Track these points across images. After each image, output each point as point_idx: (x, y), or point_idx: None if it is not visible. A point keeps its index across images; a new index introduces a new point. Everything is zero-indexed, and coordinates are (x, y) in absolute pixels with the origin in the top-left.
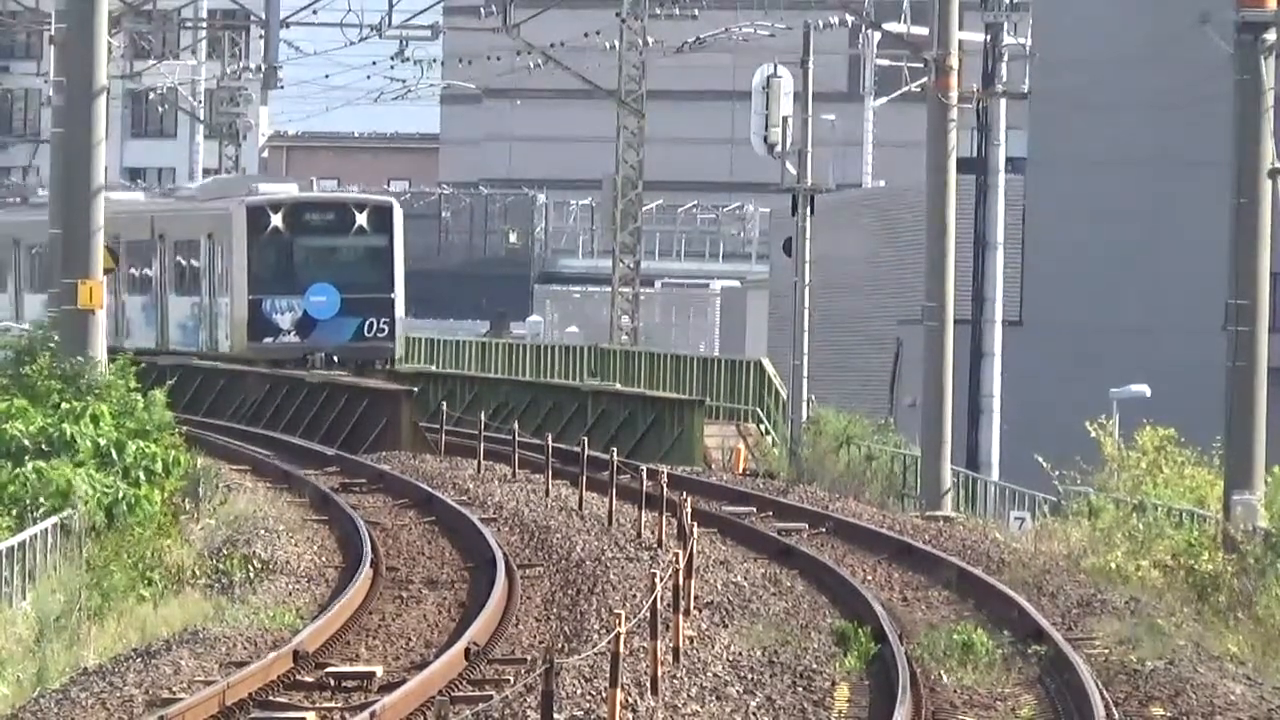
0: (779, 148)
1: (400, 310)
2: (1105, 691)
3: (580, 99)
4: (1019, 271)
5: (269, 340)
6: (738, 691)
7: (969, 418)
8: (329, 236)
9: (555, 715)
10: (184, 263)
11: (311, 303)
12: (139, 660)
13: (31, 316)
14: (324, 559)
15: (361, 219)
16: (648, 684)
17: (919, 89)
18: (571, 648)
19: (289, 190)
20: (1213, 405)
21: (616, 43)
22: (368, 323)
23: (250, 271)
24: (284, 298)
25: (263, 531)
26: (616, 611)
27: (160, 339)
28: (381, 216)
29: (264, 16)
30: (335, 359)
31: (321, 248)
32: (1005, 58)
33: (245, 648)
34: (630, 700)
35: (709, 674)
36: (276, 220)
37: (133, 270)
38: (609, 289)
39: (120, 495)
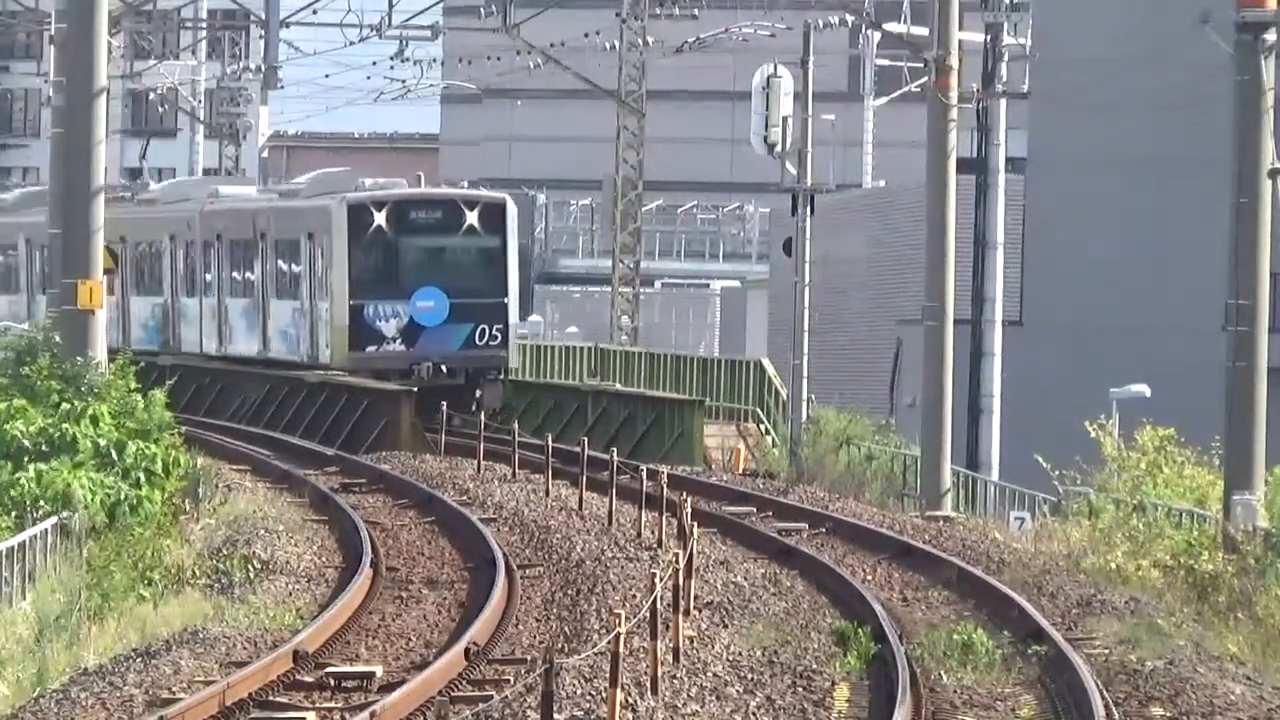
0: (779, 148)
1: (514, 316)
2: (1105, 691)
3: (580, 99)
4: (1019, 271)
5: (371, 349)
6: (738, 691)
7: (969, 418)
8: (436, 236)
9: (555, 715)
10: (285, 264)
11: (418, 308)
12: (139, 660)
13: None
14: (324, 559)
15: (471, 217)
16: (648, 684)
17: (919, 89)
18: (571, 648)
19: (396, 186)
20: (1213, 405)
21: (616, 43)
22: (479, 330)
23: (351, 274)
24: (388, 303)
25: (263, 531)
26: (616, 611)
27: (261, 347)
28: (493, 214)
29: (264, 16)
30: (444, 369)
31: (428, 248)
32: (1005, 58)
33: (245, 648)
34: (630, 700)
35: (709, 674)
36: (380, 218)
37: (235, 273)
38: (609, 289)
39: (121, 496)
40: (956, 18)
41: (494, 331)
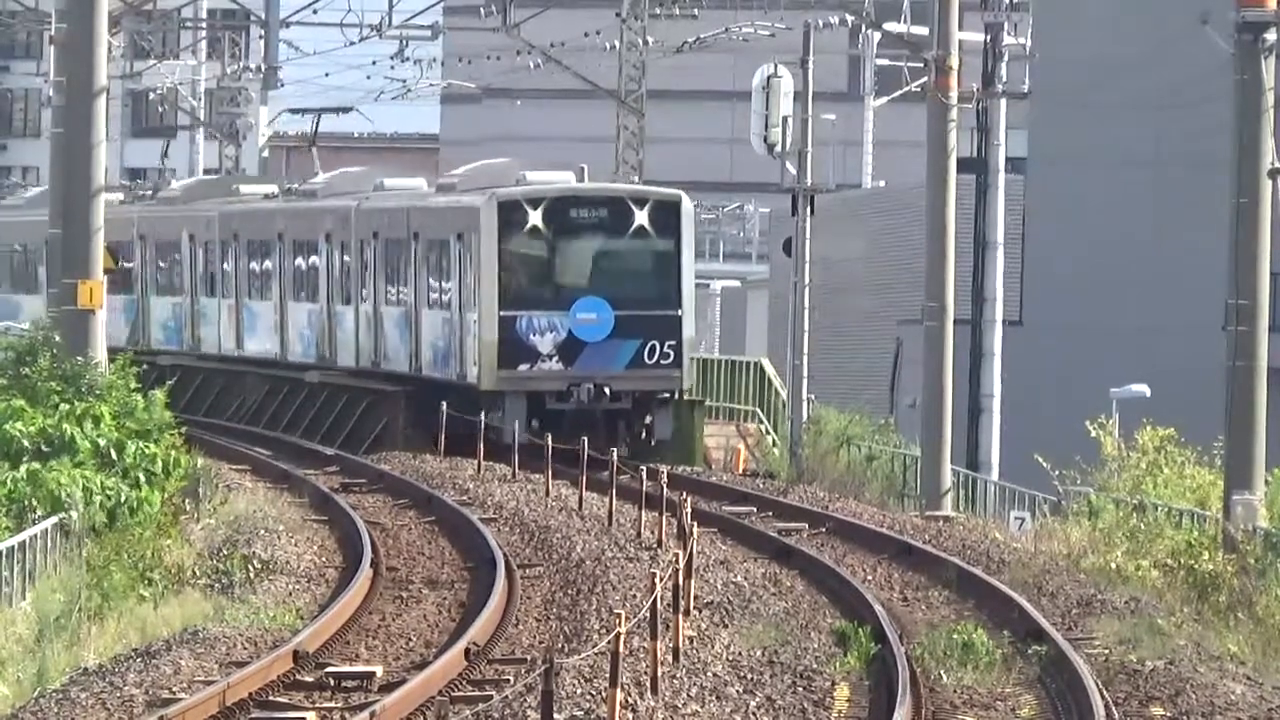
0: (779, 148)
1: (689, 330)
2: (1105, 691)
3: (580, 99)
4: (1019, 271)
5: (524, 368)
6: (738, 691)
7: (969, 418)
8: (600, 238)
9: (555, 715)
10: (436, 270)
11: (578, 321)
12: (139, 660)
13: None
14: (324, 559)
15: (641, 216)
16: (648, 684)
17: (919, 89)
18: (571, 648)
19: (560, 180)
20: (1213, 405)
21: (616, 43)
22: (648, 346)
23: (502, 282)
24: (544, 314)
25: (263, 531)
26: (616, 611)
27: (413, 363)
28: (666, 213)
29: (264, 16)
30: (606, 392)
31: (591, 252)
32: (1005, 58)
33: (245, 648)
34: (630, 700)
35: (709, 674)
36: (535, 218)
37: (389, 280)
38: None
39: (121, 496)
40: (956, 18)
41: (665, 349)
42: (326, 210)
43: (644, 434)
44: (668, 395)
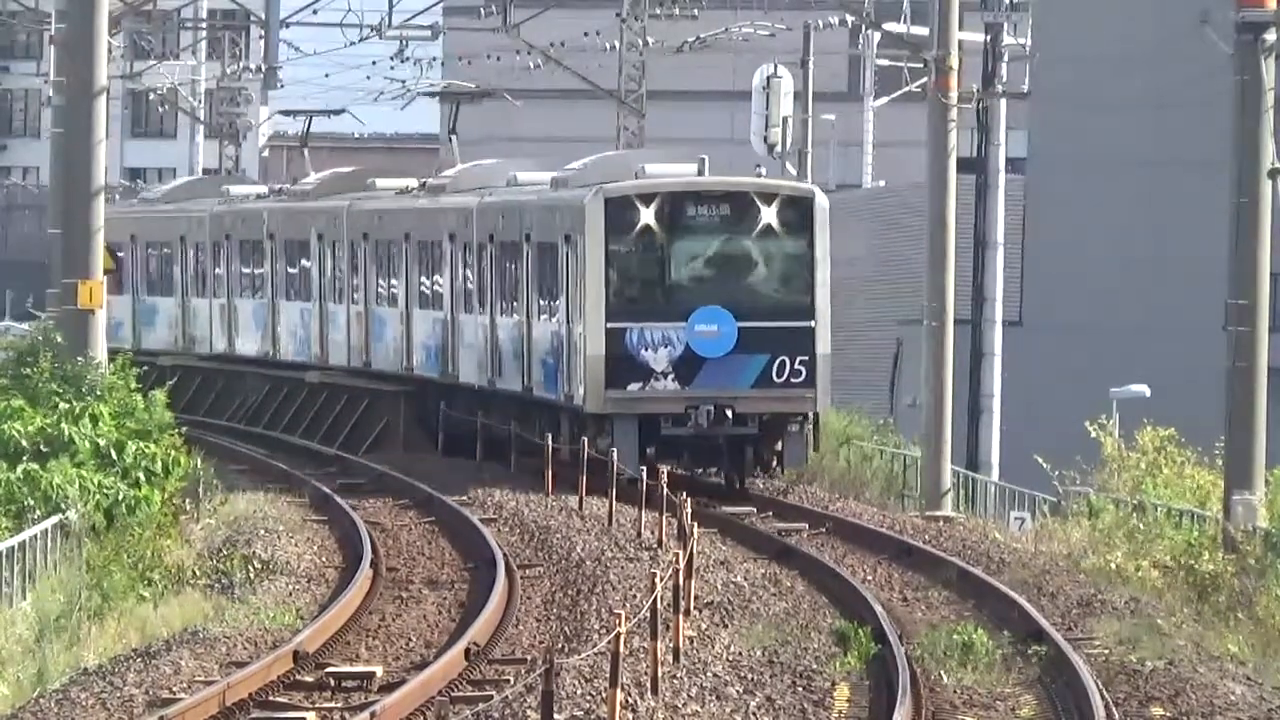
0: (779, 148)
1: (825, 345)
2: (1105, 691)
3: (580, 99)
4: (1019, 271)
5: (635, 388)
6: (738, 691)
7: (969, 418)
8: (722, 238)
9: (555, 715)
10: (546, 275)
11: (696, 334)
12: (139, 660)
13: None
14: (324, 559)
15: (769, 213)
16: (648, 684)
17: (919, 89)
18: (571, 648)
19: (679, 173)
20: (1213, 405)
21: (616, 43)
22: (777, 362)
23: (610, 289)
24: (657, 326)
25: (263, 531)
26: (616, 611)
27: (525, 378)
28: (798, 211)
29: (264, 17)
30: (729, 414)
31: (712, 255)
32: (1005, 58)
33: (245, 648)
34: (630, 700)
35: (709, 674)
36: (647, 216)
37: (503, 287)
38: None
39: (120, 496)
40: (956, 18)
41: (797, 365)
42: (451, 209)
43: (775, 463)
44: (800, 418)
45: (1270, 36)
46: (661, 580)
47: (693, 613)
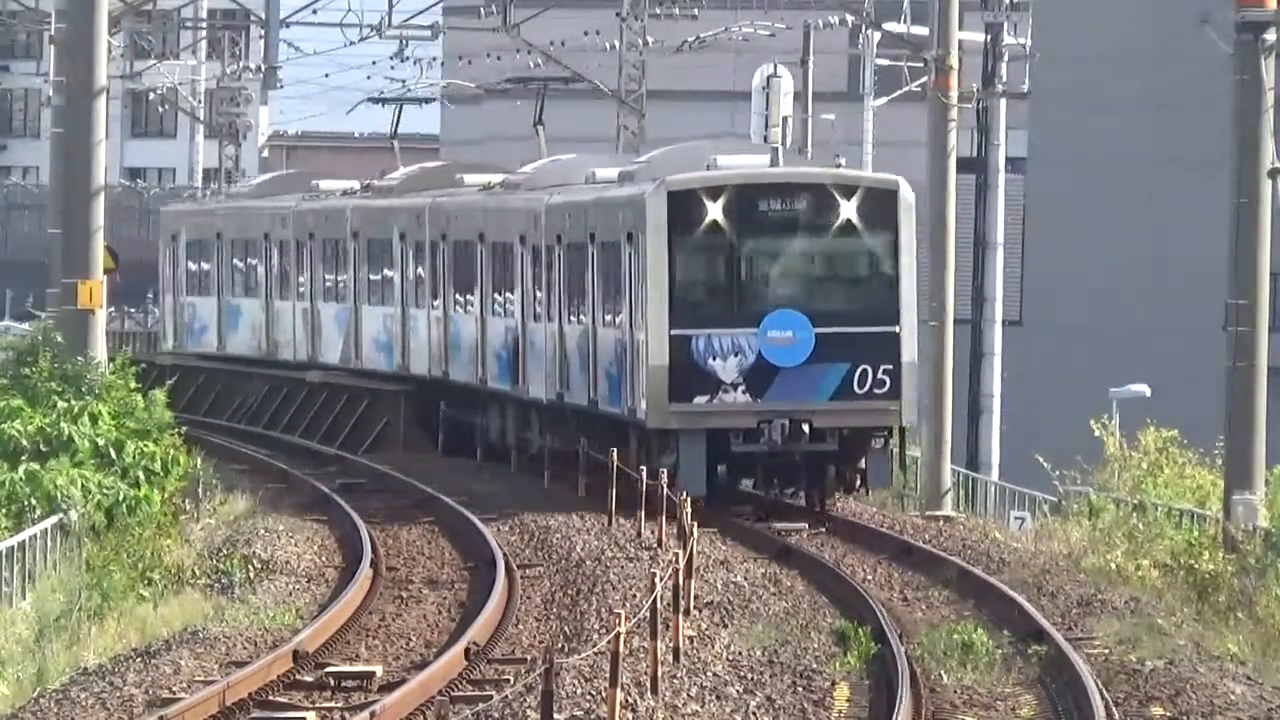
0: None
1: (911, 352)
2: (1105, 691)
3: (580, 99)
4: (1019, 271)
5: (701, 400)
6: (738, 691)
7: (969, 418)
8: (798, 236)
9: (555, 715)
10: (610, 277)
11: (769, 341)
12: (139, 660)
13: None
14: (324, 559)
15: (848, 208)
16: (648, 684)
17: (919, 89)
18: (571, 648)
19: (750, 164)
20: (1213, 405)
21: (616, 43)
22: (858, 372)
23: (673, 292)
24: (726, 333)
25: (263, 531)
26: (616, 611)
27: (590, 391)
28: (880, 204)
29: (264, 16)
30: (806, 428)
31: (786, 254)
32: (1005, 58)
33: (245, 648)
34: (630, 700)
35: (709, 674)
36: (714, 211)
37: (571, 291)
38: None
39: (120, 496)
40: (956, 18)
41: (880, 375)
42: (521, 209)
43: (859, 483)
44: (884, 433)
45: (1270, 36)
46: (661, 580)
47: (693, 612)
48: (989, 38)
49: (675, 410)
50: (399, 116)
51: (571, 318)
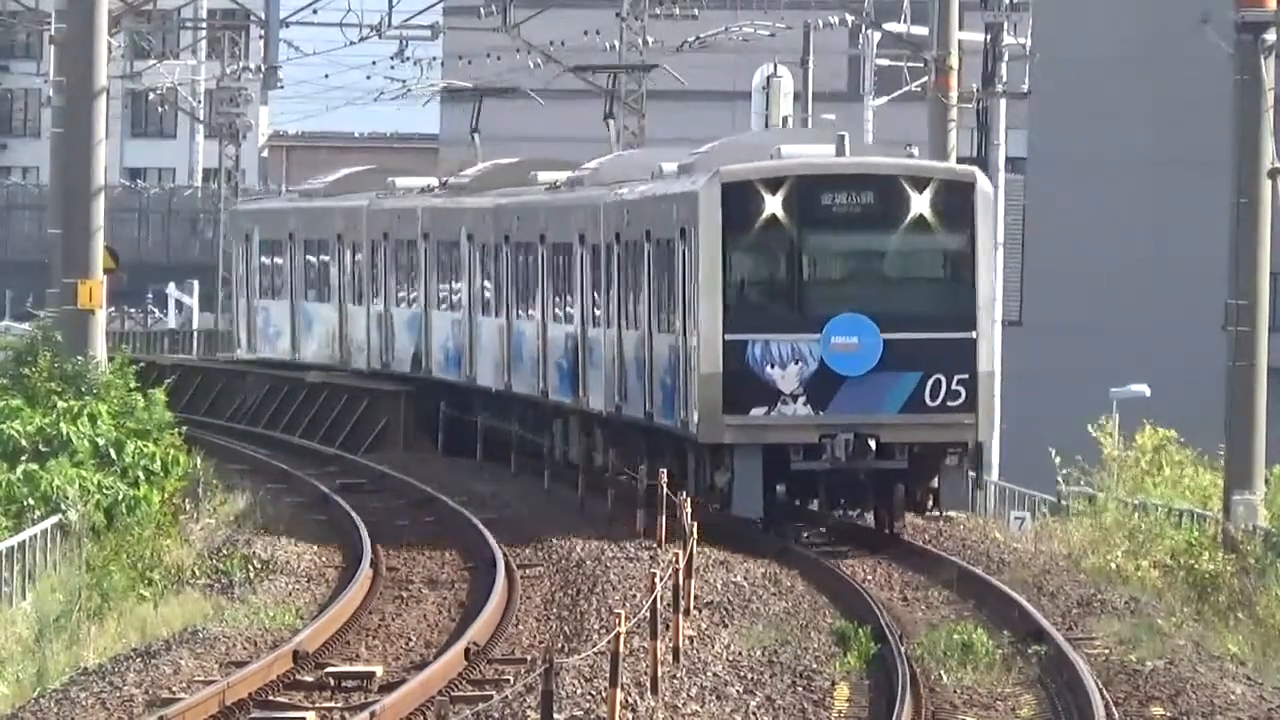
0: None
1: (988, 361)
2: (1105, 691)
3: (580, 99)
4: (1019, 271)
5: (758, 412)
6: (738, 691)
7: None
8: (865, 232)
9: (555, 715)
10: (664, 278)
11: (833, 348)
12: (139, 660)
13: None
14: (324, 559)
15: (920, 202)
16: (648, 684)
17: (919, 89)
18: (571, 648)
19: (814, 153)
20: (1213, 405)
21: (616, 43)
22: (931, 382)
23: (727, 294)
24: (786, 339)
25: (263, 531)
26: (616, 611)
27: (646, 402)
28: (956, 198)
29: (264, 16)
30: (873, 444)
31: (851, 253)
32: (1005, 58)
33: (245, 648)
34: (630, 700)
35: (709, 674)
36: (773, 204)
37: (629, 294)
38: None
39: (119, 496)
40: (956, 18)
41: (954, 385)
42: (580, 206)
43: (931, 503)
44: (959, 449)
45: (1270, 36)
46: (661, 580)
47: (692, 612)
48: (989, 38)
49: (730, 423)
50: (479, 109)
51: (629, 323)
